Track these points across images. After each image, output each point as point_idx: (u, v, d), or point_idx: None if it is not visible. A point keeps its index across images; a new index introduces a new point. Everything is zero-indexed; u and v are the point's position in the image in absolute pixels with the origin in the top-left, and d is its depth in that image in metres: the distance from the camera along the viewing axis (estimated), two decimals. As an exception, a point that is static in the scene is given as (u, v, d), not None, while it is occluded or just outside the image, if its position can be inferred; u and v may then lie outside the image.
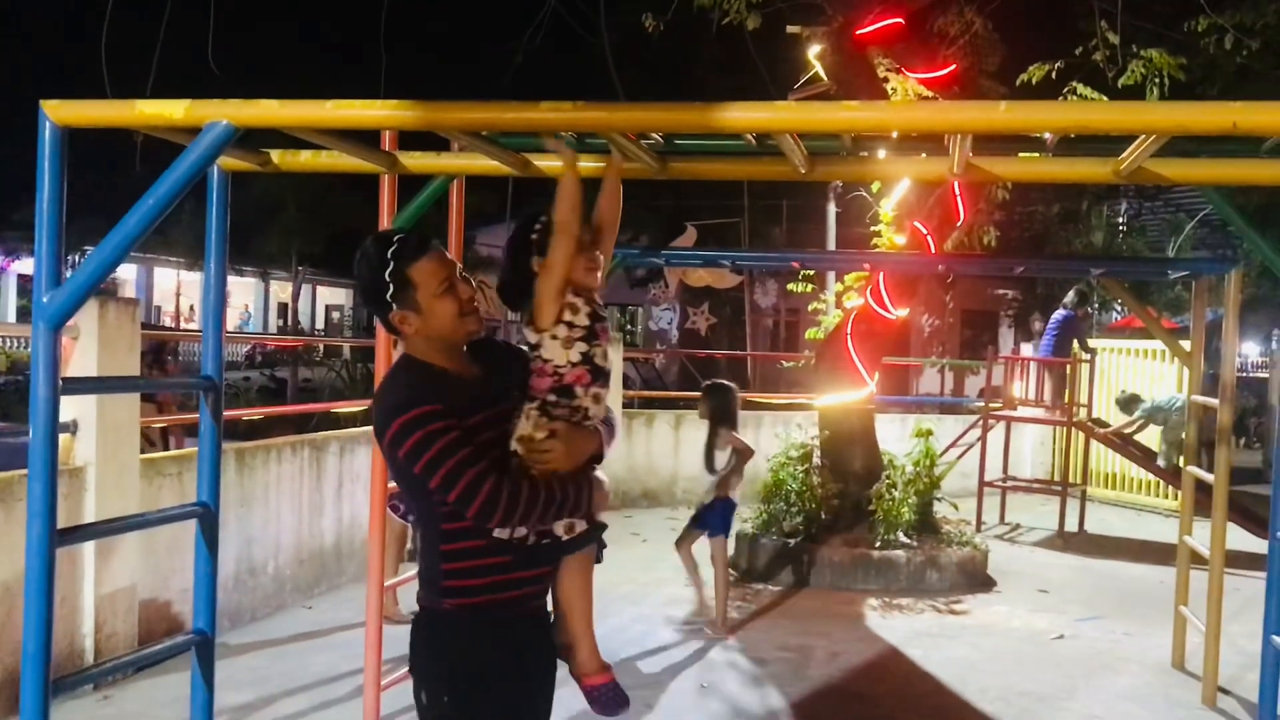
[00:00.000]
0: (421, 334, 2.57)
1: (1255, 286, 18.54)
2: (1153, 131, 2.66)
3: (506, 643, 2.60)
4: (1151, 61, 8.63)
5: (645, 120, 2.74)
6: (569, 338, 2.66)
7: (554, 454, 2.58)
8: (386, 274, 2.52)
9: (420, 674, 2.63)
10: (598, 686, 2.68)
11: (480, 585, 2.57)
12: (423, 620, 2.65)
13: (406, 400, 2.48)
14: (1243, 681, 5.74)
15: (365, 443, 7.27)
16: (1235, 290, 5.73)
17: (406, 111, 2.73)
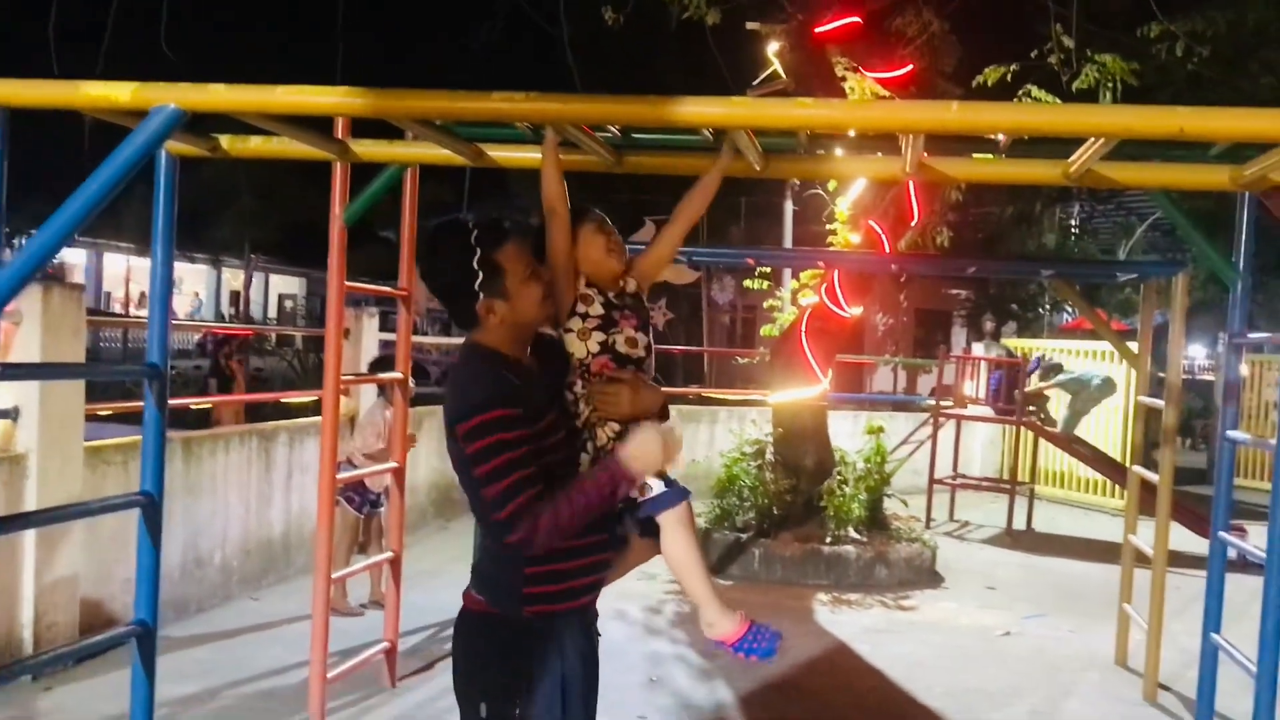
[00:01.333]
0: (506, 322, 2.45)
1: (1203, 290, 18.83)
2: (1101, 134, 2.69)
3: (581, 648, 2.54)
4: (1105, 66, 8.73)
5: (599, 112, 2.73)
6: (584, 329, 2.60)
7: (619, 399, 2.52)
8: (475, 262, 2.40)
9: (485, 686, 2.47)
10: (739, 640, 2.50)
11: (564, 590, 2.48)
12: (485, 626, 2.50)
13: (489, 399, 2.36)
14: (1183, 678, 5.83)
15: (315, 433, 7.20)
16: (1182, 293, 5.81)
17: (357, 99, 2.71)
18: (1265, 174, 2.95)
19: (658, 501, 2.50)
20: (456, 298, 2.47)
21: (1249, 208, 4.58)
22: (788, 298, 10.44)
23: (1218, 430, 4.77)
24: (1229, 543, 4.63)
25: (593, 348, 2.60)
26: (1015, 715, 5.45)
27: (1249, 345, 4.80)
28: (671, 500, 2.51)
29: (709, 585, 2.53)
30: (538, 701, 2.43)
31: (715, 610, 2.52)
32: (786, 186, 15.70)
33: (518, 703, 2.43)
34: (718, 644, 2.54)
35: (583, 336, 2.60)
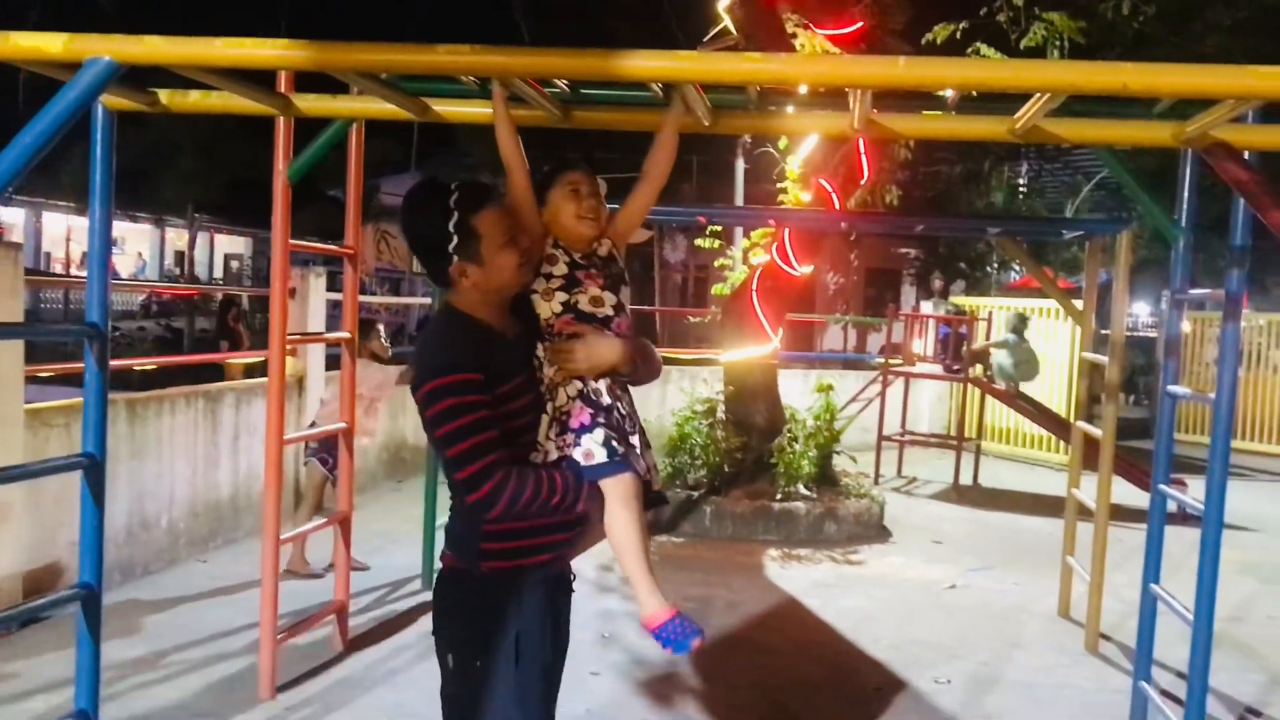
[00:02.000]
0: (479, 287, 2.48)
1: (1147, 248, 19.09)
2: (1046, 90, 2.70)
3: (542, 606, 2.55)
4: (1053, 24, 8.78)
5: (545, 66, 2.69)
6: (547, 289, 2.59)
7: (574, 354, 2.52)
8: (451, 225, 2.42)
9: (448, 637, 2.57)
10: (661, 625, 2.50)
11: (520, 548, 2.50)
12: (453, 581, 2.57)
13: (450, 362, 2.39)
14: (1123, 628, 5.96)
15: (262, 394, 7.12)
16: (1126, 251, 5.89)
17: (299, 52, 2.65)
18: (1206, 131, 2.98)
19: (596, 470, 2.50)
20: (431, 258, 2.50)
21: (1191, 165, 4.64)
22: (739, 256, 10.43)
23: (1159, 386, 4.85)
24: (1169, 496, 4.73)
25: (555, 308, 2.58)
26: (960, 666, 5.55)
27: (1191, 302, 4.87)
28: (607, 471, 2.50)
29: (644, 566, 2.53)
30: (494, 655, 2.48)
31: (646, 592, 2.53)
32: (738, 145, 15.68)
33: (478, 656, 2.49)
34: (642, 625, 2.56)
35: (546, 297, 2.59)
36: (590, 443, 2.50)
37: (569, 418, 2.53)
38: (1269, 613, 6.76)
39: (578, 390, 2.54)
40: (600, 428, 2.52)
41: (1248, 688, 5.41)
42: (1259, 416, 14.92)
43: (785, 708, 4.96)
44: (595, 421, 2.52)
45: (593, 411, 2.53)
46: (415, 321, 23.77)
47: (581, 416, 2.53)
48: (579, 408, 2.53)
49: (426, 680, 4.97)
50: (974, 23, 9.00)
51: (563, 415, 2.54)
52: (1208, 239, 14.09)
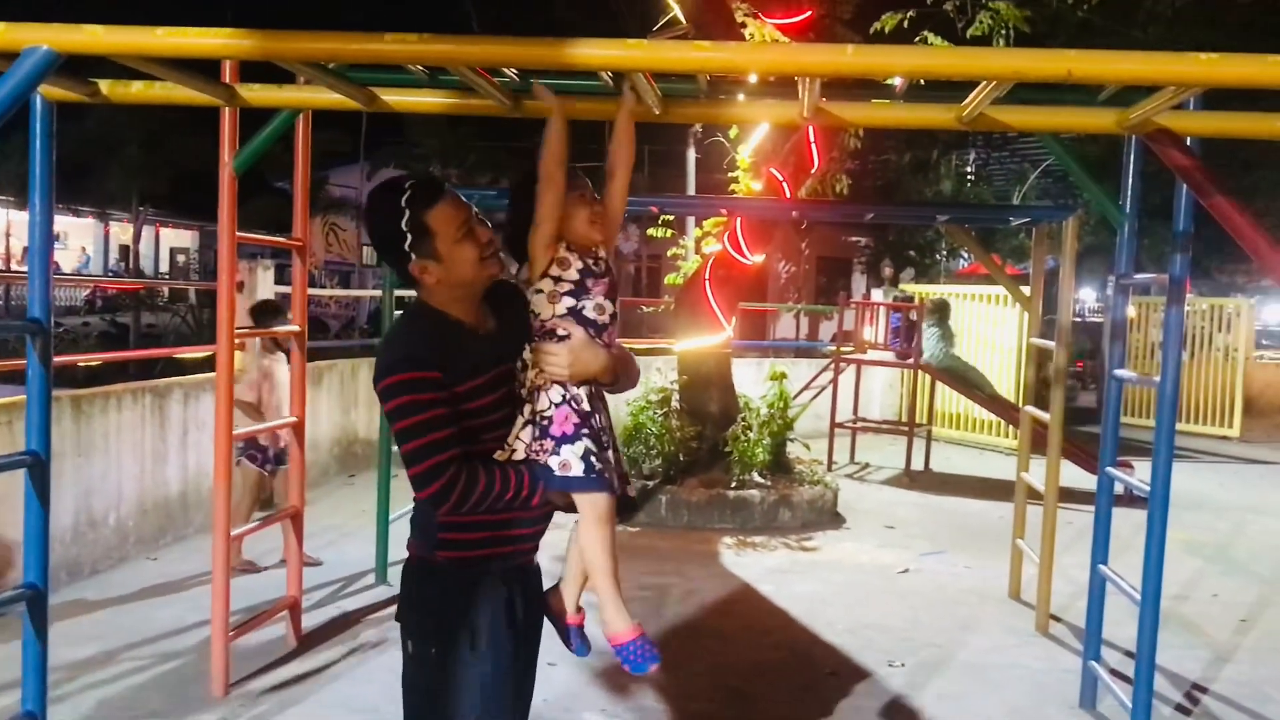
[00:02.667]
0: (444, 283, 2.46)
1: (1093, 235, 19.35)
2: (992, 77, 2.72)
3: (498, 597, 2.54)
4: (999, 14, 8.88)
5: (495, 55, 2.67)
6: (554, 292, 2.56)
7: (559, 358, 2.50)
8: (403, 223, 2.41)
9: (408, 625, 2.59)
10: (624, 644, 2.53)
11: (476, 539, 2.51)
12: (413, 570, 2.60)
13: (407, 358, 2.39)
14: (1073, 609, 6.06)
15: (211, 389, 7.02)
16: (1072, 237, 5.96)
17: (244, 41, 2.61)
18: (1149, 117, 3.02)
19: (570, 481, 2.48)
20: (391, 258, 2.50)
21: (1135, 152, 4.72)
22: (691, 246, 10.45)
23: (1105, 370, 4.92)
24: (1115, 478, 4.81)
25: (559, 311, 2.56)
26: (913, 649, 5.61)
27: (1136, 287, 4.95)
28: (584, 486, 2.49)
29: (612, 583, 2.56)
30: (451, 644, 2.50)
31: (613, 610, 2.55)
32: (689, 134, 15.67)
33: (434, 644, 2.51)
34: (607, 640, 2.57)
35: (552, 299, 2.56)
36: (569, 454, 2.48)
37: (550, 424, 2.50)
38: (1213, 590, 6.90)
39: (561, 396, 2.51)
40: (582, 439, 2.49)
41: (1194, 664, 5.52)
42: (1203, 399, 15.19)
43: (740, 692, 4.99)
44: (579, 433, 2.50)
45: (577, 421, 2.50)
46: (365, 314, 23.56)
47: (565, 425, 2.50)
48: (563, 415, 2.50)
49: (382, 674, 4.97)
50: (921, 11, 9.08)
51: (543, 420, 2.51)
52: (1152, 225, 14.33)
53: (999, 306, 13.05)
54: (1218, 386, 15.07)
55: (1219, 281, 24.82)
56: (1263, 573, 7.35)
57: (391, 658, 5.22)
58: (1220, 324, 15.42)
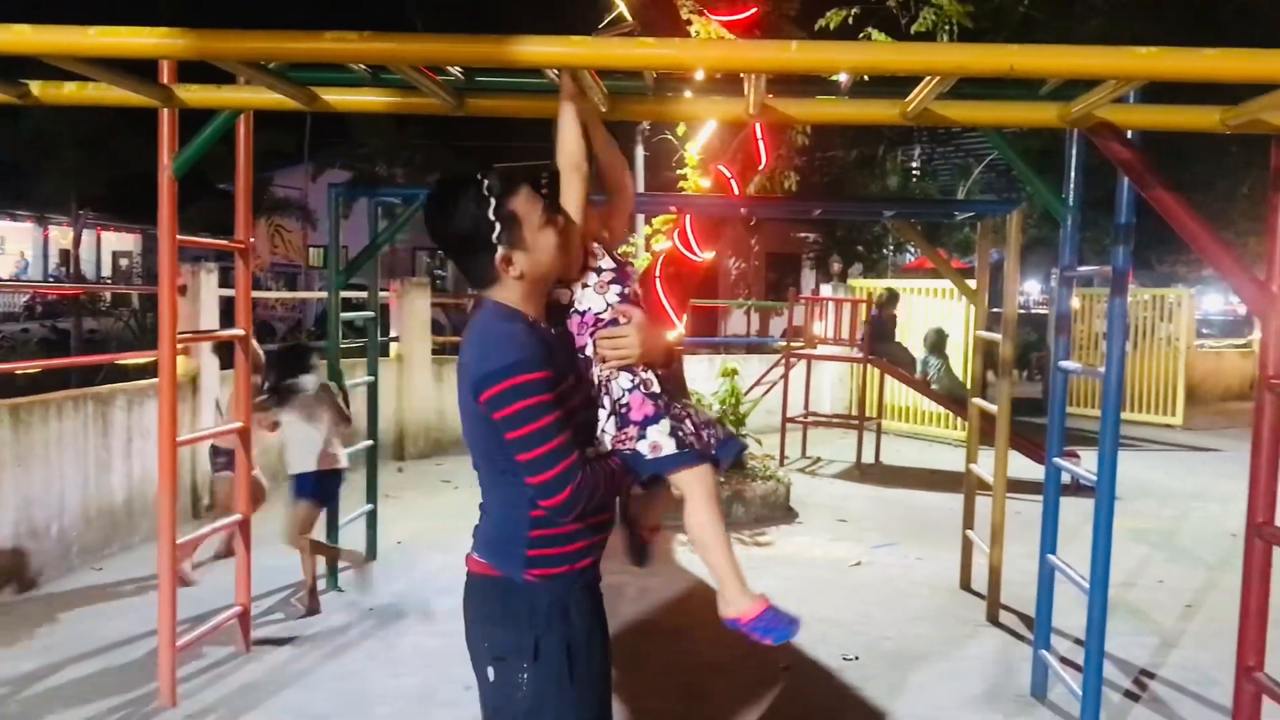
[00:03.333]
0: (527, 275, 2.39)
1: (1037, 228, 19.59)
2: (936, 73, 2.73)
3: (587, 613, 2.49)
4: (942, 9, 8.94)
5: (437, 53, 2.64)
6: (601, 283, 2.53)
7: (628, 342, 2.45)
8: (490, 213, 2.32)
9: (493, 647, 2.45)
10: (754, 619, 2.45)
11: (566, 553, 2.43)
12: (491, 588, 2.47)
13: (518, 361, 2.27)
14: (1023, 598, 6.12)
15: (155, 395, 6.91)
16: (1016, 231, 6.02)
17: (179, 40, 2.56)
18: (1090, 111, 3.05)
19: (664, 461, 2.43)
20: (473, 254, 2.39)
21: (1077, 145, 4.77)
22: (641, 244, 10.44)
23: (1051, 362, 4.98)
24: (1062, 468, 4.86)
25: (611, 299, 2.53)
26: (866, 641, 5.65)
27: (1080, 279, 5.01)
28: (683, 462, 2.43)
29: (731, 561, 2.47)
30: (544, 667, 2.40)
31: (735, 589, 2.47)
32: (636, 131, 15.66)
33: (525, 666, 2.40)
34: (731, 623, 2.49)
35: (600, 290, 2.53)
36: (656, 434, 2.43)
37: (629, 410, 2.45)
38: (1159, 577, 7.01)
39: (631, 382, 2.47)
40: (665, 418, 2.45)
41: (1141, 650, 5.60)
42: (1146, 389, 15.44)
43: (696, 688, 4.99)
44: (659, 412, 2.45)
45: (654, 403, 2.46)
46: (313, 316, 23.31)
47: (645, 409, 2.45)
48: (638, 400, 2.45)
49: (333, 681, 4.91)
50: (865, 8, 9.12)
51: (622, 409, 2.46)
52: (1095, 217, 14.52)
53: (946, 300, 13.18)
54: (1161, 376, 15.32)
55: (1160, 272, 25.21)
56: (1207, 558, 7.48)
57: (341, 664, 5.18)
58: (1162, 314, 15.68)
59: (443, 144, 25.22)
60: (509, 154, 22.85)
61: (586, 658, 2.45)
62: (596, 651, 2.50)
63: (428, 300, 11.56)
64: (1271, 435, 3.15)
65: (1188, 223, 3.06)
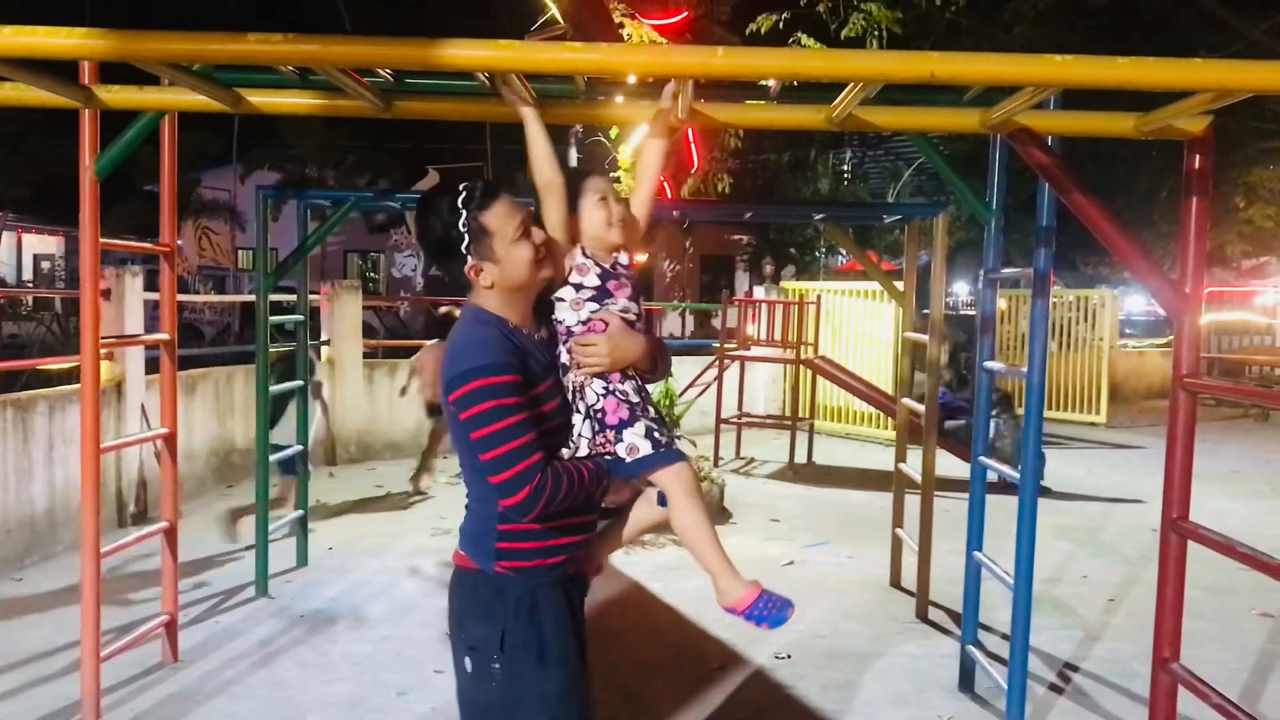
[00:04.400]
0: (499, 285, 2.45)
1: (965, 230, 19.93)
2: (858, 79, 2.77)
3: (560, 606, 2.52)
4: (871, 15, 9.07)
5: (362, 55, 2.62)
6: (577, 300, 2.55)
7: (599, 350, 2.49)
8: (460, 223, 2.40)
9: (468, 638, 2.51)
10: (750, 606, 2.53)
11: (536, 549, 2.48)
12: (468, 581, 2.53)
13: (490, 363, 2.35)
14: (951, 595, 6.21)
15: (78, 401, 6.77)
16: (942, 233, 6.12)
17: (99, 41, 2.52)
18: (1010, 116, 3.12)
19: (643, 462, 2.49)
20: (445, 260, 2.48)
21: (1000, 149, 4.86)
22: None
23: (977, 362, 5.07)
24: (988, 466, 4.96)
25: (583, 317, 2.56)
26: (798, 640, 5.70)
27: (1006, 280, 5.11)
28: (659, 462, 2.50)
29: (720, 553, 2.54)
30: (515, 656, 2.45)
31: (727, 579, 2.54)
32: (570, 134, 15.66)
33: (495, 658, 2.45)
34: (729, 611, 2.56)
35: (576, 306, 2.56)
36: (633, 437, 2.49)
37: (605, 415, 2.50)
38: (1084, 572, 7.16)
39: (604, 388, 2.52)
40: (640, 420, 2.51)
41: (1066, 644, 5.72)
42: (1071, 388, 15.75)
43: (631, 691, 5.00)
44: (634, 415, 2.51)
45: (629, 406, 2.51)
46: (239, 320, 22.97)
47: (620, 412, 2.50)
48: (613, 404, 2.51)
49: (264, 689, 4.85)
50: (796, 13, 9.22)
51: (597, 414, 2.51)
52: (1022, 220, 14.80)
53: (876, 302, 13.34)
54: (1084, 375, 15.64)
55: (1084, 273, 25.77)
56: (1129, 553, 7.66)
57: (272, 672, 5.12)
58: (1085, 315, 16.00)
59: (374, 145, 25.01)
60: (441, 156, 22.70)
61: (559, 653, 2.50)
62: (570, 647, 2.55)
63: (359, 303, 11.45)
64: (1185, 433, 3.24)
65: (1103, 226, 3.15)
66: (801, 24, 9.07)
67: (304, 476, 7.01)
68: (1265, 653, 5.57)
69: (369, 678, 5.02)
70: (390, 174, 24.18)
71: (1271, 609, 6.20)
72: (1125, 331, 24.00)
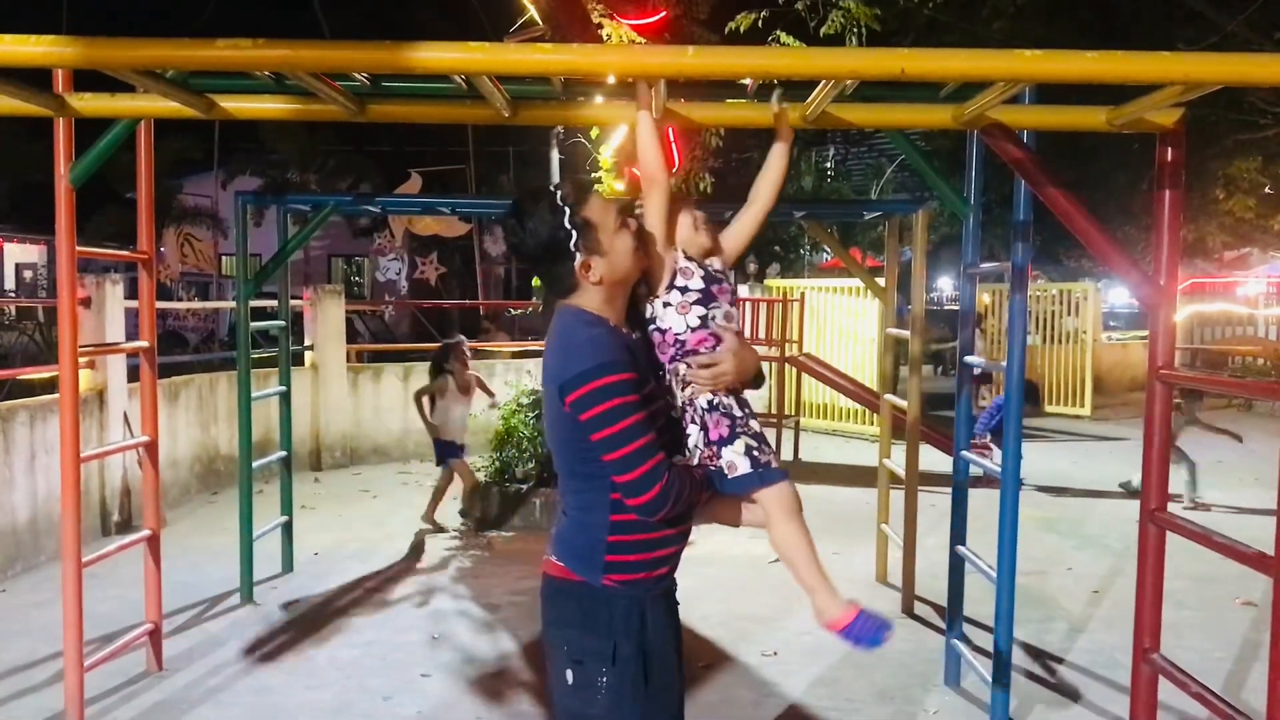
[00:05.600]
0: (606, 279, 2.43)
1: (949, 226, 19.97)
2: (830, 76, 2.78)
3: (664, 619, 2.52)
4: (849, 12, 9.06)
5: (333, 59, 2.62)
6: (683, 303, 2.54)
7: (725, 368, 2.50)
8: (565, 221, 2.39)
9: (572, 650, 2.48)
10: (848, 626, 2.48)
11: (643, 560, 2.45)
12: (571, 592, 2.50)
13: (607, 361, 2.33)
14: (936, 589, 6.22)
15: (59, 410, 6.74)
16: (922, 229, 6.14)
17: (69, 48, 2.51)
18: (983, 112, 3.13)
19: (743, 480, 2.48)
20: (553, 263, 2.45)
21: (978, 145, 4.88)
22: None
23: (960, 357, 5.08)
24: (970, 460, 4.98)
25: (691, 322, 2.55)
26: (785, 637, 5.71)
27: (985, 275, 5.13)
28: (758, 481, 2.50)
29: (819, 573, 2.53)
30: (622, 670, 2.43)
31: (826, 598, 2.52)
32: (551, 135, 15.67)
33: (604, 671, 2.43)
34: (827, 629, 2.54)
35: (681, 310, 2.55)
36: (731, 454, 2.48)
37: (709, 429, 2.51)
38: (1068, 565, 7.19)
39: (708, 403, 2.51)
40: (740, 437, 2.50)
41: (1051, 637, 5.75)
42: (1056, 381, 15.80)
43: (618, 693, 5.00)
44: (735, 432, 2.50)
45: (730, 422, 2.51)
46: (226, 326, 22.88)
47: (720, 428, 2.50)
48: (715, 419, 2.50)
49: (249, 696, 4.84)
50: (775, 11, 9.21)
51: (704, 427, 2.52)
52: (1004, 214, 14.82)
53: (859, 299, 13.37)
54: (1068, 368, 15.69)
55: (1068, 266, 25.84)
56: (1113, 545, 7.69)
57: (256, 678, 5.11)
58: (1069, 308, 16.06)
59: (356, 149, 24.95)
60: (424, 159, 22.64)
61: (661, 664, 2.49)
62: (671, 659, 2.55)
63: (342, 308, 11.42)
64: (1162, 424, 3.26)
65: (1077, 219, 3.16)
66: (780, 22, 9.06)
67: (287, 482, 6.99)
68: (1248, 641, 5.60)
69: (355, 683, 5.01)
70: (372, 178, 24.11)
71: (1254, 597, 6.23)
72: (1109, 324, 24.12)
